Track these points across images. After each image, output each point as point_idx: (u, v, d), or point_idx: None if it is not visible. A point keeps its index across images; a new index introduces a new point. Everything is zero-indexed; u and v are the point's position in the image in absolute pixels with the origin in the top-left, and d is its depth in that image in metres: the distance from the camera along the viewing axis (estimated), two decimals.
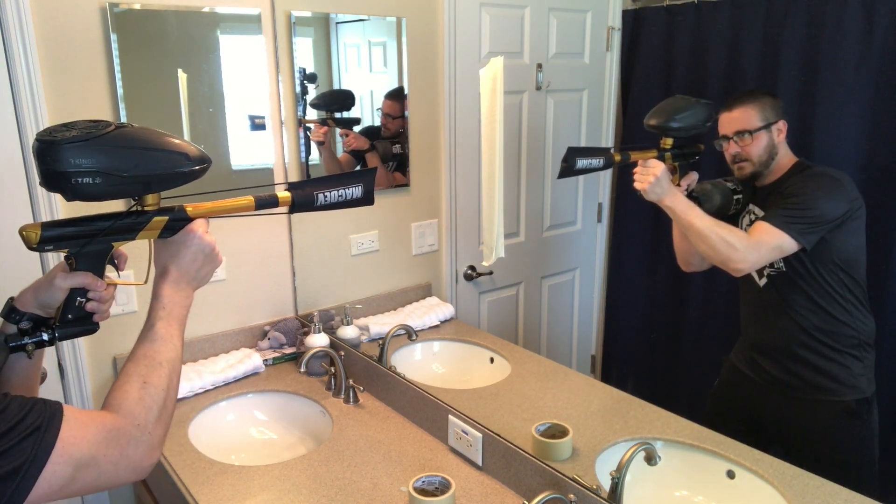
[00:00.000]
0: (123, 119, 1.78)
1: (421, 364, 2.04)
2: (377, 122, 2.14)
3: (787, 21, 1.40)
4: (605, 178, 2.08)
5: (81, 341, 1.83)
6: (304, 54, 2.07)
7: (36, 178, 1.67)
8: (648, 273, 1.81)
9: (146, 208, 0.94)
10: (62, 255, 0.91)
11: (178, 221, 0.97)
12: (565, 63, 2.05)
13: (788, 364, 1.45)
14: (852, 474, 1.20)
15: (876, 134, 1.31)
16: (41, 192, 1.69)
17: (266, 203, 1.02)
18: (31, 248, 0.86)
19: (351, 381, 1.87)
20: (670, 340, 1.75)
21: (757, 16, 1.45)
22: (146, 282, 1.00)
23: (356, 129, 2.14)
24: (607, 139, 2.04)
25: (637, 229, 1.83)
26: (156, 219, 0.94)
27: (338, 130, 2.14)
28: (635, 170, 1.39)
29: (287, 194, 1.03)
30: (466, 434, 1.54)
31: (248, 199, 1.02)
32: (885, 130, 1.30)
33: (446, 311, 2.12)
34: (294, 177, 2.12)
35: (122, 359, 1.91)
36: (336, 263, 2.18)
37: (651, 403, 1.50)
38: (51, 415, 0.76)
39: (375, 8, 2.06)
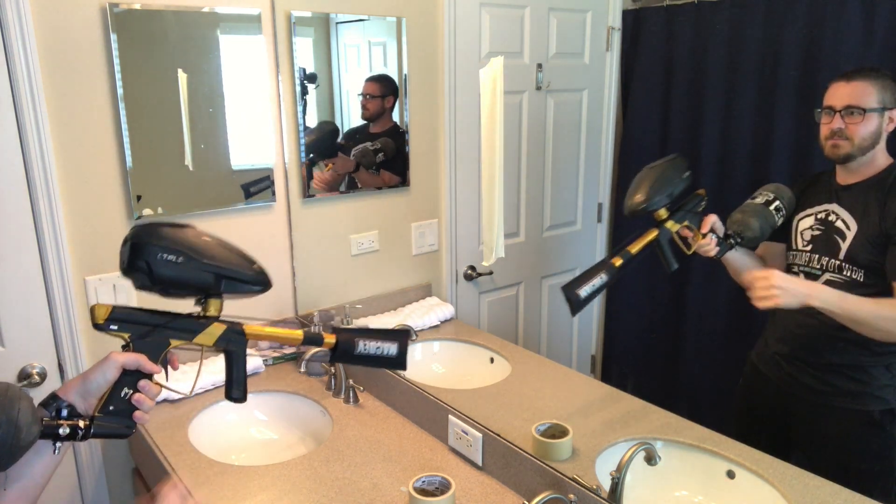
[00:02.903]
0: (123, 119, 1.78)
1: (421, 364, 2.04)
2: (360, 122, 2.13)
3: (787, 21, 1.39)
4: (605, 178, 2.08)
5: (82, 343, 1.83)
6: (304, 54, 2.07)
7: (36, 178, 1.68)
8: (648, 273, 1.81)
9: (208, 314, 1.00)
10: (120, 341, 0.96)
11: (234, 333, 1.03)
12: (565, 63, 2.05)
13: (814, 369, 1.40)
14: (871, 483, 1.17)
15: None
16: (41, 194, 1.69)
17: (312, 340, 1.08)
18: (95, 325, 0.92)
19: (351, 381, 1.87)
20: (670, 340, 1.75)
21: (757, 16, 1.45)
22: (191, 394, 1.06)
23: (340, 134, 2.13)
24: (607, 139, 2.04)
25: (637, 229, 1.83)
26: (215, 324, 1.01)
27: (317, 168, 2.12)
28: (751, 290, 1.25)
29: (332, 337, 1.08)
30: (466, 434, 1.54)
31: (298, 334, 1.08)
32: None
33: (446, 311, 2.12)
34: (294, 177, 2.11)
35: None
36: (336, 263, 2.18)
37: (651, 403, 1.50)
38: None
39: (375, 8, 2.06)
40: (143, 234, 0.89)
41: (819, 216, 1.35)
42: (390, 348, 1.11)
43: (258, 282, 1.01)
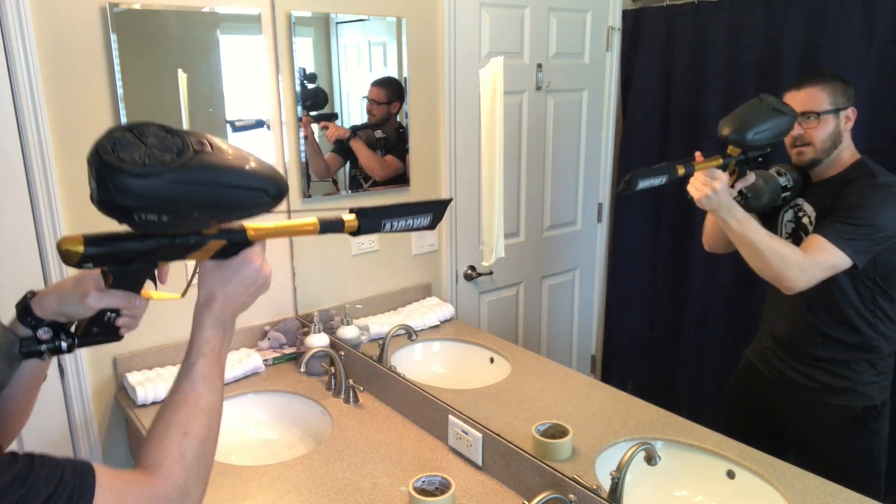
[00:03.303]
0: (124, 119, 1.78)
1: (421, 364, 2.04)
2: (364, 118, 2.13)
3: (787, 21, 1.39)
4: (605, 178, 2.08)
5: None
6: (304, 54, 2.07)
7: (36, 178, 1.68)
8: (648, 273, 1.81)
9: (204, 231, 0.80)
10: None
11: (235, 246, 0.83)
12: (565, 63, 2.05)
13: (800, 365, 1.43)
14: (855, 480, 1.19)
15: (876, 133, 1.31)
16: (41, 192, 1.69)
17: (331, 226, 0.88)
18: (69, 265, 0.74)
19: (351, 381, 1.87)
20: (670, 340, 1.75)
21: (757, 16, 1.45)
22: (183, 296, 0.89)
23: (336, 122, 2.13)
24: (607, 139, 2.04)
25: (637, 229, 1.83)
26: (213, 242, 0.80)
27: (315, 126, 2.12)
28: (694, 178, 1.29)
29: (352, 217, 0.89)
30: (466, 434, 1.54)
31: (314, 223, 0.87)
32: (885, 130, 1.30)
33: (446, 311, 2.12)
34: (294, 177, 2.12)
35: (122, 359, 1.91)
36: (336, 263, 2.18)
37: (651, 403, 1.50)
38: (82, 485, 0.67)
39: (375, 8, 2.06)
40: (110, 190, 0.66)
41: (796, 211, 1.40)
42: (422, 221, 0.94)
43: (269, 209, 0.78)
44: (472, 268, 2.15)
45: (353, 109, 2.14)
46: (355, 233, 0.90)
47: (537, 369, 1.93)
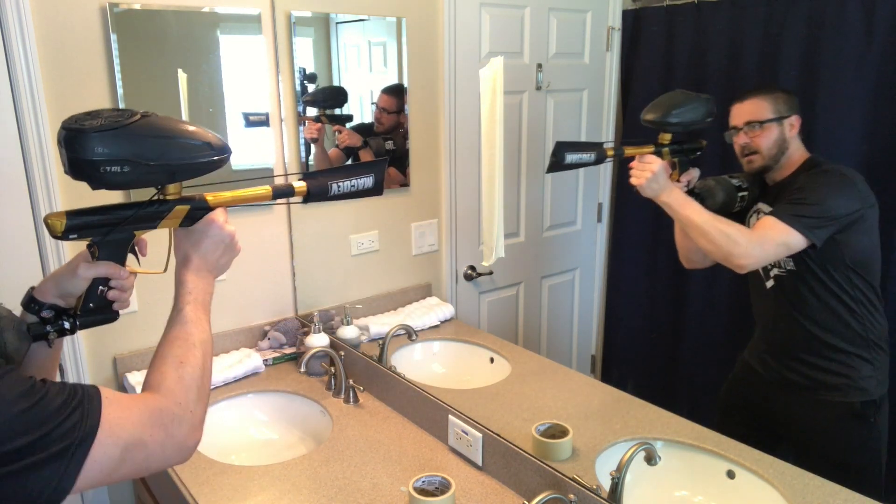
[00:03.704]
0: None
1: (421, 364, 2.04)
2: (364, 117, 2.13)
3: (787, 21, 1.39)
4: (605, 177, 2.08)
5: (82, 341, 1.83)
6: (304, 54, 2.07)
7: (36, 178, 1.68)
8: (648, 273, 1.81)
9: (168, 197, 0.95)
10: (84, 243, 0.92)
11: (199, 210, 0.97)
12: (565, 63, 2.05)
13: (794, 363, 1.44)
14: (856, 476, 1.19)
15: (876, 134, 1.31)
16: (41, 191, 1.69)
17: (282, 192, 1.03)
18: (55, 237, 0.87)
19: (351, 381, 1.87)
20: (670, 340, 1.75)
21: (757, 16, 1.44)
22: (165, 270, 1.01)
23: (348, 125, 2.14)
24: (607, 139, 2.04)
25: (637, 229, 1.83)
26: (178, 207, 0.95)
27: (330, 127, 2.13)
28: (631, 164, 1.36)
29: (303, 184, 1.04)
30: (466, 434, 1.54)
31: (266, 189, 1.03)
32: (885, 130, 1.30)
33: (446, 311, 2.12)
34: (294, 177, 2.12)
35: (122, 359, 1.91)
36: (336, 263, 2.18)
37: (651, 403, 1.50)
38: (90, 396, 0.76)
39: (375, 8, 2.06)
40: (76, 148, 0.81)
41: (758, 215, 1.43)
42: (366, 181, 1.08)
43: (216, 163, 0.93)
44: (472, 268, 2.15)
45: (353, 109, 2.14)
46: (306, 198, 1.04)
47: (537, 369, 1.93)
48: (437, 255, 2.20)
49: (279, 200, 1.04)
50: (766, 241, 1.31)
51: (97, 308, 0.93)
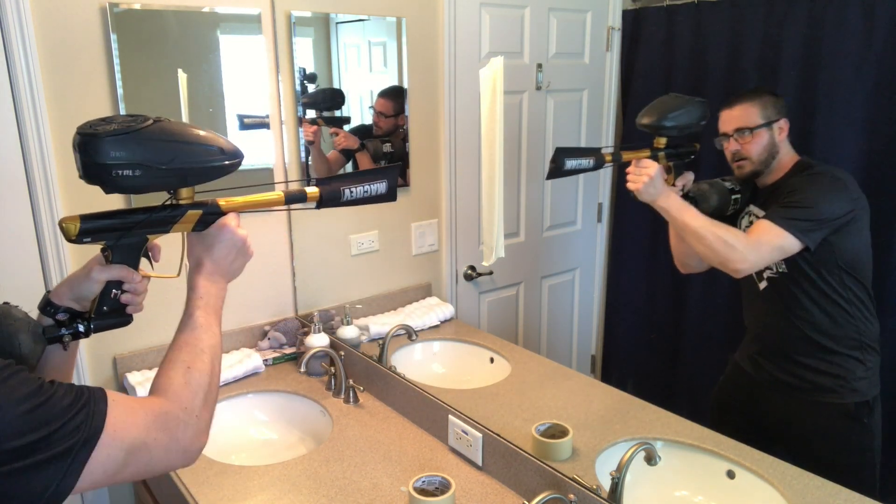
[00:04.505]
0: None
1: (421, 364, 2.04)
2: (369, 122, 2.13)
3: (787, 21, 1.39)
4: (605, 178, 2.08)
5: (82, 341, 1.82)
6: (304, 54, 2.07)
7: (36, 178, 1.68)
8: (648, 273, 1.81)
9: (181, 202, 0.96)
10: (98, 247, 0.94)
11: (211, 215, 0.98)
12: (565, 63, 2.05)
13: (787, 365, 1.44)
14: (851, 477, 1.20)
15: (876, 134, 1.31)
16: (41, 191, 1.69)
17: (295, 198, 1.03)
18: (69, 240, 0.88)
19: (351, 381, 1.87)
20: (670, 340, 1.75)
21: (757, 16, 1.45)
22: (179, 275, 1.01)
23: (346, 127, 2.13)
24: (607, 139, 2.04)
25: (637, 229, 1.83)
26: (190, 212, 0.96)
27: (327, 130, 2.13)
28: (628, 170, 1.37)
29: (315, 190, 1.05)
30: (466, 434, 1.54)
31: (279, 195, 1.03)
32: (885, 130, 1.30)
33: (446, 311, 2.12)
34: (294, 177, 2.12)
35: (122, 359, 1.91)
36: (336, 263, 2.18)
37: (651, 403, 1.50)
38: (96, 398, 0.77)
39: (375, 8, 2.06)
40: (90, 153, 0.83)
41: (750, 217, 1.44)
42: (379, 187, 1.08)
43: (227, 167, 0.94)
44: (472, 268, 2.15)
45: (352, 109, 2.14)
46: (319, 204, 1.05)
47: (537, 369, 1.93)
48: (437, 255, 2.20)
49: (292, 206, 1.04)
50: (762, 246, 1.32)
51: (111, 311, 0.94)
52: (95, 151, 0.83)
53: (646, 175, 1.33)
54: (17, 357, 0.86)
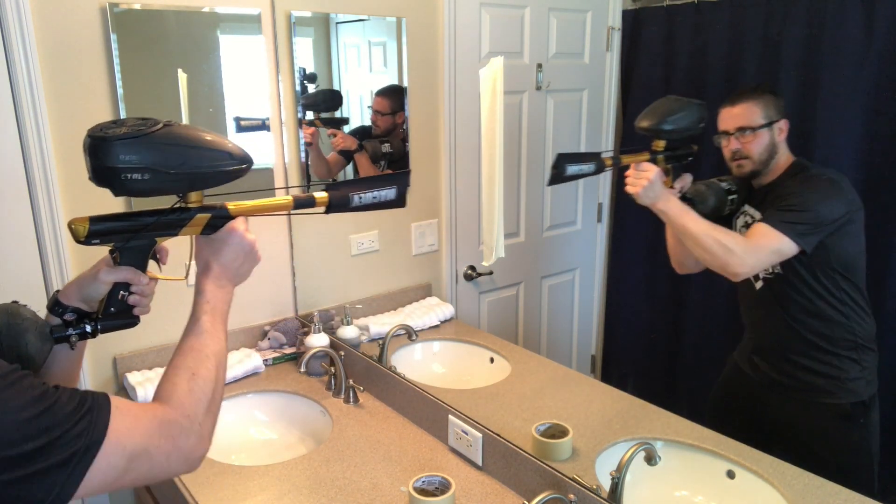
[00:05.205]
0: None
1: (421, 364, 2.04)
2: (368, 122, 2.13)
3: (787, 21, 1.39)
4: (605, 178, 2.08)
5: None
6: (304, 54, 2.07)
7: (36, 178, 1.68)
8: (648, 273, 1.81)
9: (189, 205, 0.96)
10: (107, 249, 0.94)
11: (220, 219, 0.98)
12: (565, 63, 2.05)
13: (784, 366, 1.44)
14: (848, 476, 1.20)
15: (876, 134, 1.31)
16: (41, 192, 1.69)
17: (304, 203, 1.03)
18: (78, 242, 0.89)
19: (351, 381, 1.87)
20: (670, 340, 1.75)
21: (757, 16, 1.44)
22: (186, 278, 1.02)
23: (345, 128, 2.13)
24: (607, 139, 2.04)
25: (637, 229, 1.83)
26: (199, 215, 0.96)
27: (324, 131, 2.13)
28: (627, 173, 1.37)
29: (324, 195, 1.04)
30: (466, 434, 1.54)
31: (288, 199, 1.03)
32: (885, 130, 1.30)
33: (446, 311, 2.12)
34: (294, 178, 2.12)
35: (122, 359, 1.91)
36: (336, 263, 2.18)
37: (651, 403, 1.50)
38: (100, 405, 0.77)
39: (375, 8, 2.06)
40: (100, 156, 0.83)
41: (745, 217, 1.44)
42: (388, 193, 1.08)
43: (236, 172, 0.94)
44: (472, 268, 2.15)
45: (352, 109, 2.14)
46: (328, 209, 1.05)
47: (537, 369, 1.93)
48: (437, 255, 2.20)
49: (301, 210, 1.04)
50: (760, 249, 1.32)
51: (118, 312, 0.95)
52: (105, 154, 0.83)
53: (645, 178, 1.33)
54: (25, 356, 0.86)
